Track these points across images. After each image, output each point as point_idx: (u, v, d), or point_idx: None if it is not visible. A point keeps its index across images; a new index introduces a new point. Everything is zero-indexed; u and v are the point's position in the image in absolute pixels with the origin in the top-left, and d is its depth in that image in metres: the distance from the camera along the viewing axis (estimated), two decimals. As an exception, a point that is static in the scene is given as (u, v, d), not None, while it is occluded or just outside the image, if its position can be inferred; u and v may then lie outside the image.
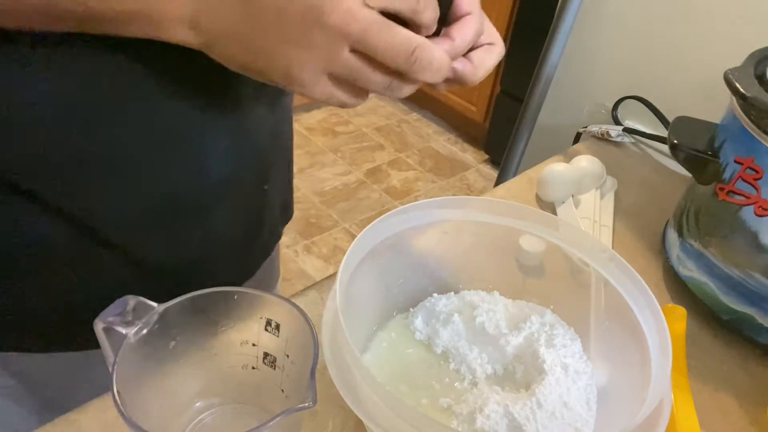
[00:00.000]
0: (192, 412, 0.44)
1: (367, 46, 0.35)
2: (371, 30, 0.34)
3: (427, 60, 0.36)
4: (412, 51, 0.36)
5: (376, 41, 0.35)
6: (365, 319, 0.49)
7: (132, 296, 0.38)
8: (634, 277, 0.46)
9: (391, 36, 0.35)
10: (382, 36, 0.35)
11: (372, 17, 0.34)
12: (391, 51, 0.35)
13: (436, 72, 0.37)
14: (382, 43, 0.35)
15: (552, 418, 0.43)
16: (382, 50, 0.35)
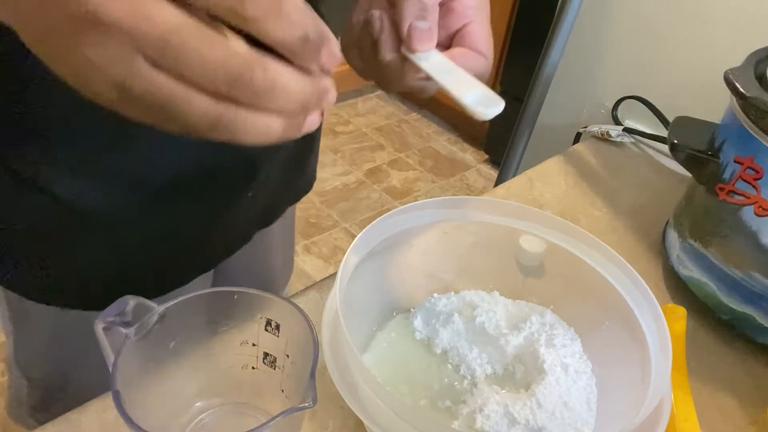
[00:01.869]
0: (192, 412, 0.44)
1: (168, 58, 0.24)
2: (173, 40, 0.24)
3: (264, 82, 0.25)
4: (240, 71, 0.25)
5: (181, 53, 0.24)
6: (365, 319, 0.49)
7: (132, 296, 0.38)
8: (634, 277, 0.46)
9: (207, 47, 0.24)
10: (191, 46, 0.24)
11: (176, 20, 0.24)
12: (207, 71, 0.25)
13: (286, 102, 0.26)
14: (194, 58, 0.24)
15: (552, 418, 0.43)
16: (193, 68, 0.24)
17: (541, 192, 0.74)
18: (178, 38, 0.24)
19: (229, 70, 0.25)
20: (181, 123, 0.26)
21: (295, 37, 0.25)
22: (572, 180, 0.77)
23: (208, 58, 0.24)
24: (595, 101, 0.97)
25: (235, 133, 0.26)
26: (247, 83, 0.25)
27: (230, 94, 0.25)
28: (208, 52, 0.24)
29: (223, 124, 0.26)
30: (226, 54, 0.25)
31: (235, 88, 0.25)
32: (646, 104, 0.86)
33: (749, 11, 0.78)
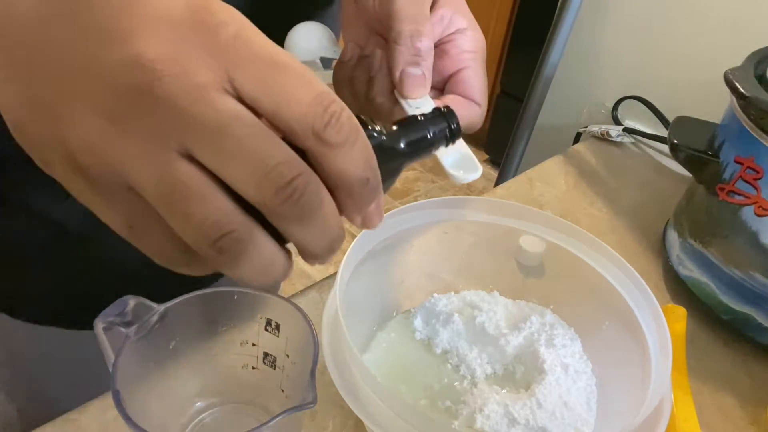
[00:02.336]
0: (192, 412, 0.44)
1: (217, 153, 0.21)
2: (232, 129, 0.21)
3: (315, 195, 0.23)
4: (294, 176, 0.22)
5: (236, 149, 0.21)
6: (365, 319, 0.49)
7: (132, 296, 0.38)
8: (634, 277, 0.46)
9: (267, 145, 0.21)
10: (249, 144, 0.21)
11: (241, 113, 0.21)
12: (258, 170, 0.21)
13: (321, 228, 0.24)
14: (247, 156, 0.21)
15: (552, 418, 0.43)
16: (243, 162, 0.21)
17: (541, 192, 0.74)
18: (237, 130, 0.21)
19: (283, 171, 0.21)
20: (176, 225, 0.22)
21: (358, 175, 0.23)
22: (572, 180, 0.77)
23: (262, 156, 0.21)
24: (595, 101, 0.97)
25: (235, 260, 0.23)
26: (298, 192, 0.22)
27: (273, 202, 0.22)
28: (265, 150, 0.22)
29: (229, 244, 0.22)
30: (284, 157, 0.22)
31: (282, 193, 0.22)
32: (646, 104, 0.86)
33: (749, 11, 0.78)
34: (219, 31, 0.22)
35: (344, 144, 0.23)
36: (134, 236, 0.23)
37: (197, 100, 0.21)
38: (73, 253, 0.49)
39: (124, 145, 0.21)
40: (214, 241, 0.22)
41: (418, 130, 0.29)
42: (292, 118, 0.22)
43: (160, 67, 0.21)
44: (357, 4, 0.40)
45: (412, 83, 0.36)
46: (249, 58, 0.22)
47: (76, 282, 0.51)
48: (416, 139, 0.28)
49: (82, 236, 0.48)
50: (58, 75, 0.22)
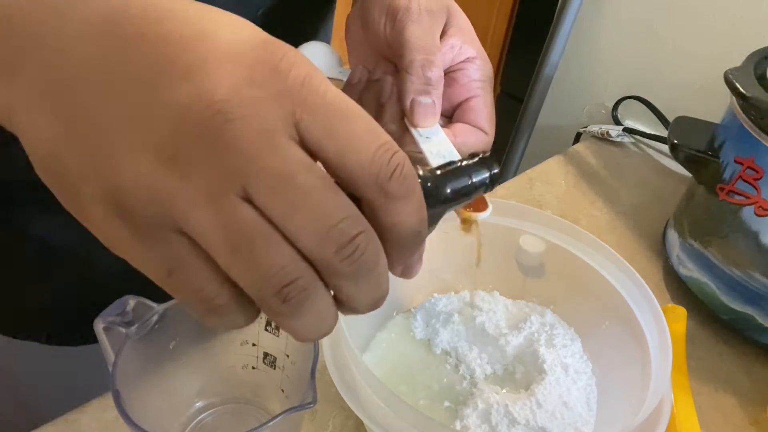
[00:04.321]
0: (192, 412, 0.44)
1: (280, 203, 0.20)
2: (299, 178, 0.20)
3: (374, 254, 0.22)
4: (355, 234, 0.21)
5: (302, 201, 0.20)
6: (365, 319, 0.49)
7: (132, 296, 0.38)
8: (634, 277, 0.46)
9: (329, 201, 0.21)
10: (315, 197, 0.20)
11: (305, 161, 0.21)
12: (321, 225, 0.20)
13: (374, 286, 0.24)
14: (311, 209, 0.20)
15: (552, 418, 0.43)
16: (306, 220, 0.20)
17: (541, 192, 0.74)
18: (302, 179, 0.20)
19: (345, 229, 0.21)
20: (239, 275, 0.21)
21: (413, 228, 0.23)
22: (572, 180, 0.77)
23: (326, 210, 0.20)
24: (595, 101, 0.97)
25: (297, 309, 0.22)
26: (360, 251, 0.21)
27: (332, 259, 0.21)
28: (330, 203, 0.21)
29: (294, 292, 0.21)
30: (347, 212, 0.21)
31: (344, 251, 0.21)
32: (646, 104, 0.86)
33: (749, 11, 0.78)
34: (289, 74, 0.21)
35: (406, 196, 0.22)
36: (172, 282, 0.22)
37: (265, 145, 0.20)
38: (56, 271, 0.49)
39: (182, 187, 0.20)
40: (280, 289, 0.21)
41: (461, 177, 0.28)
42: (358, 167, 0.21)
43: (229, 109, 0.20)
44: (366, 30, 0.40)
45: (423, 112, 0.36)
46: (317, 104, 0.21)
47: (61, 300, 0.51)
48: (460, 186, 0.27)
49: (66, 253, 0.47)
50: (111, 107, 0.21)
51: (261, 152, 0.20)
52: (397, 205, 0.22)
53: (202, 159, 0.20)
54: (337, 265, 0.21)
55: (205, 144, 0.20)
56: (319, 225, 0.20)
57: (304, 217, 0.20)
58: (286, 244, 0.21)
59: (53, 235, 0.46)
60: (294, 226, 0.20)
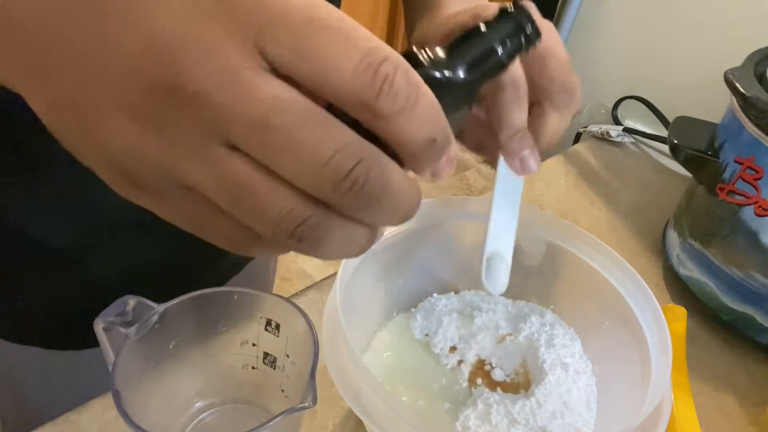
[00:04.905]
0: (192, 412, 0.44)
1: (264, 148, 0.19)
2: (277, 119, 0.19)
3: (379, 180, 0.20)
4: (352, 166, 0.19)
5: (284, 140, 0.19)
6: (365, 319, 0.49)
7: (132, 296, 0.38)
8: (634, 277, 0.46)
9: (319, 134, 0.19)
10: (297, 133, 0.19)
11: (281, 95, 0.19)
12: (311, 165, 0.19)
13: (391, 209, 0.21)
14: (295, 146, 0.19)
15: (552, 418, 0.43)
16: (293, 158, 0.19)
17: (541, 192, 0.74)
18: (281, 119, 0.19)
19: (340, 163, 0.19)
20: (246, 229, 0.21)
21: (423, 138, 0.20)
22: (572, 180, 0.77)
23: (314, 147, 0.19)
24: (595, 101, 0.97)
25: (316, 244, 0.21)
26: (359, 183, 0.19)
27: (331, 194, 0.19)
28: (317, 138, 0.19)
29: (308, 231, 0.20)
30: (339, 143, 0.19)
31: (342, 186, 0.19)
32: (646, 104, 0.86)
33: (749, 11, 0.78)
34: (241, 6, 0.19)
35: (402, 110, 0.19)
36: (201, 230, 0.22)
37: (231, 89, 0.18)
38: (54, 274, 0.49)
39: (165, 146, 0.19)
40: (291, 232, 0.20)
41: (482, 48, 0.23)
42: (337, 88, 0.19)
43: (183, 56, 0.18)
44: None
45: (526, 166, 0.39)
46: (278, 22, 0.18)
47: (59, 303, 0.51)
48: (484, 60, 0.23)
49: (63, 256, 0.47)
50: (78, 74, 0.20)
51: (229, 98, 0.18)
52: (396, 122, 0.19)
53: (176, 115, 0.19)
54: (341, 200, 0.20)
55: (173, 100, 0.19)
56: (309, 166, 0.19)
57: (292, 160, 0.19)
58: (286, 187, 0.20)
59: (49, 237, 0.46)
60: (286, 170, 0.19)
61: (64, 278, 0.49)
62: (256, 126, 0.19)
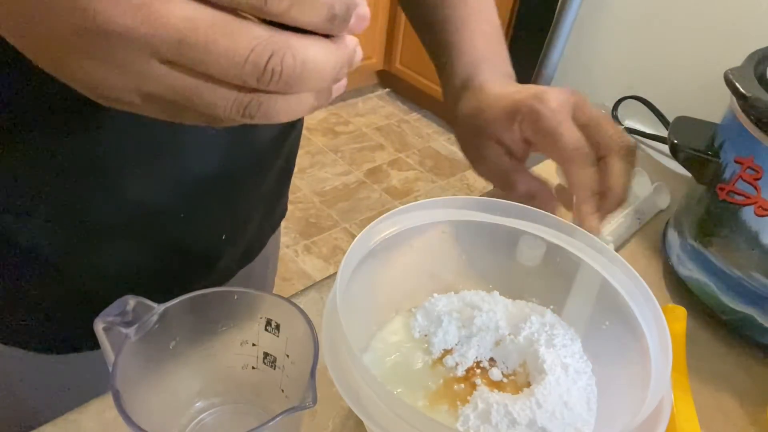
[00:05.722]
0: (192, 412, 0.44)
1: (190, 61, 0.23)
2: (190, 38, 0.22)
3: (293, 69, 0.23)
4: (266, 61, 0.23)
5: (203, 54, 0.22)
6: (365, 319, 0.49)
7: (132, 296, 0.38)
8: (634, 277, 0.46)
9: (228, 40, 0.22)
10: (211, 43, 0.22)
11: (189, 15, 0.22)
12: (231, 67, 0.22)
13: (317, 81, 0.24)
14: (215, 58, 0.22)
15: (552, 418, 0.43)
16: (217, 67, 0.23)
17: (541, 192, 0.74)
18: (195, 36, 0.22)
19: (255, 61, 0.22)
20: (209, 115, 0.25)
21: (322, 18, 0.23)
22: (572, 180, 0.77)
23: (231, 54, 0.22)
24: (595, 101, 0.97)
25: (268, 117, 0.25)
26: (277, 73, 0.23)
27: (258, 86, 0.23)
28: (231, 46, 0.22)
29: (255, 109, 0.24)
30: (250, 44, 0.22)
31: (264, 79, 0.23)
32: (646, 104, 0.86)
33: (749, 11, 0.78)
34: None
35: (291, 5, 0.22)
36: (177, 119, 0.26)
37: (147, 20, 0.22)
38: (45, 280, 0.49)
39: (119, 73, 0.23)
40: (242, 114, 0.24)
41: None
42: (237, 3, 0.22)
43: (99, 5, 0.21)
44: None
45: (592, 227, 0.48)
46: None
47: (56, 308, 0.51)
48: None
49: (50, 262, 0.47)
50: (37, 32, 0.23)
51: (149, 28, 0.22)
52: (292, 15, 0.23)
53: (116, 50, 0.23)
54: (269, 88, 0.23)
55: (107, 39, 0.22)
56: (231, 69, 0.23)
57: (216, 67, 0.23)
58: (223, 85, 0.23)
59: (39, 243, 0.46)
60: (216, 73, 0.23)
61: (55, 284, 0.49)
62: (177, 46, 0.22)
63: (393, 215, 0.47)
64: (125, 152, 0.44)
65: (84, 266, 0.49)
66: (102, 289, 0.47)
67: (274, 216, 0.68)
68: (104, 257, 0.49)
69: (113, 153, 0.44)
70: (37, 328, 0.52)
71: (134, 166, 0.45)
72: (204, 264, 0.57)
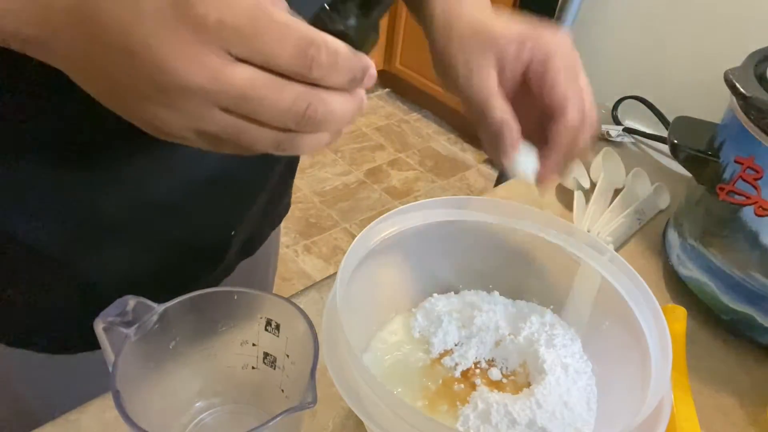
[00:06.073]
0: (192, 412, 0.44)
1: (247, 111, 0.29)
2: (249, 92, 0.28)
3: (323, 115, 0.30)
4: (304, 110, 0.29)
5: (257, 106, 0.29)
6: (365, 319, 0.49)
7: (132, 296, 0.38)
8: (634, 277, 0.46)
9: (278, 95, 0.29)
10: (265, 97, 0.29)
11: (249, 76, 0.28)
12: (277, 115, 0.29)
13: (337, 125, 0.31)
14: (266, 108, 0.29)
15: (552, 418, 0.43)
16: (267, 115, 0.29)
17: (541, 192, 0.74)
18: (253, 93, 0.28)
19: (296, 110, 0.29)
20: (248, 150, 0.32)
21: (347, 81, 0.30)
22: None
23: (278, 104, 0.29)
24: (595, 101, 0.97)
25: (294, 151, 0.32)
26: (311, 119, 0.30)
27: (296, 128, 0.30)
28: (279, 98, 0.29)
29: (286, 145, 0.31)
30: (294, 98, 0.29)
31: (301, 123, 0.30)
32: (646, 104, 0.86)
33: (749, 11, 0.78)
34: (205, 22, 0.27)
35: (328, 74, 0.29)
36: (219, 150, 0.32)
37: (215, 79, 0.28)
38: (49, 278, 0.49)
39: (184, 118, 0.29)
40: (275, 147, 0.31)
41: None
42: (283, 69, 0.29)
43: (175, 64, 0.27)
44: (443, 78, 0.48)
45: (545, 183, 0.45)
46: (233, 31, 0.27)
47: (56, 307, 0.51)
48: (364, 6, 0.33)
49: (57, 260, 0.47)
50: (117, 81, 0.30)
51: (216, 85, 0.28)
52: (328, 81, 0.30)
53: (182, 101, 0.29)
54: (303, 129, 0.30)
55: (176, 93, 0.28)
56: (277, 116, 0.29)
57: (266, 115, 0.29)
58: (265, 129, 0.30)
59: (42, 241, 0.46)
60: (264, 120, 0.30)
61: (59, 283, 0.49)
62: (238, 100, 0.29)
63: (393, 215, 0.47)
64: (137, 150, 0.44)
65: (93, 264, 0.49)
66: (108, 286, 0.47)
67: (278, 210, 0.68)
68: (113, 253, 0.49)
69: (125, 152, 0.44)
70: (42, 328, 0.52)
71: (146, 163, 0.45)
72: (210, 259, 0.57)
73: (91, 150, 0.43)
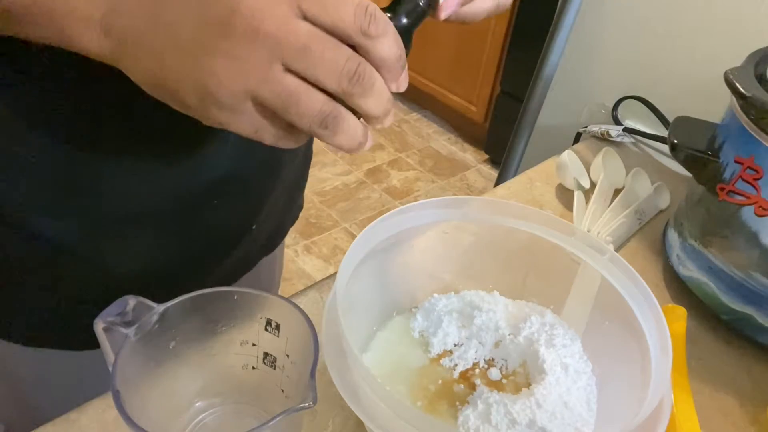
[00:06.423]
0: (192, 412, 0.44)
1: (307, 64, 0.30)
2: (313, 46, 0.30)
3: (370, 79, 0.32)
4: (356, 68, 0.31)
5: (318, 60, 0.30)
6: (365, 319, 0.49)
7: (132, 296, 0.38)
8: (634, 277, 0.46)
9: (336, 51, 0.30)
10: (327, 53, 0.30)
11: (312, 30, 0.30)
12: (334, 69, 0.31)
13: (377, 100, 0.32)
14: (326, 62, 0.30)
15: (552, 418, 0.43)
16: (325, 70, 0.30)
17: (541, 192, 0.74)
18: (315, 46, 0.30)
19: (350, 67, 0.31)
20: (289, 132, 0.33)
21: (396, 53, 0.32)
22: (572, 180, 0.77)
23: (335, 60, 0.30)
24: (595, 101, 0.97)
25: (335, 131, 0.32)
26: (360, 77, 0.31)
27: (347, 88, 0.31)
28: (335, 56, 0.30)
29: (331, 121, 0.32)
30: (348, 55, 0.31)
31: (352, 82, 0.31)
32: (646, 104, 0.86)
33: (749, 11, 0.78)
34: None
35: (383, 35, 0.31)
36: (258, 135, 0.33)
37: (283, 28, 0.29)
38: (66, 273, 0.49)
39: (244, 74, 0.30)
40: (320, 122, 0.31)
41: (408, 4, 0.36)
42: (346, 26, 0.30)
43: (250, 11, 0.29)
44: None
45: None
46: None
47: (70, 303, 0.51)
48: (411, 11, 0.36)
49: (75, 255, 0.47)
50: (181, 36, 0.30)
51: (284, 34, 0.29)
52: (379, 42, 0.31)
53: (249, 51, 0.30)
54: (352, 89, 0.31)
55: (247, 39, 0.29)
56: (334, 71, 0.30)
57: (323, 70, 0.30)
58: (317, 91, 0.31)
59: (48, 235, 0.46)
60: (320, 76, 0.30)
61: (64, 278, 0.49)
62: (301, 50, 0.30)
63: (393, 215, 0.47)
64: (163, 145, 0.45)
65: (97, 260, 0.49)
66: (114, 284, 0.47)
67: (295, 205, 0.69)
68: (118, 252, 0.50)
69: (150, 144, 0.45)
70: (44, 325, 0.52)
71: (172, 156, 0.46)
72: (230, 252, 0.57)
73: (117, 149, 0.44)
